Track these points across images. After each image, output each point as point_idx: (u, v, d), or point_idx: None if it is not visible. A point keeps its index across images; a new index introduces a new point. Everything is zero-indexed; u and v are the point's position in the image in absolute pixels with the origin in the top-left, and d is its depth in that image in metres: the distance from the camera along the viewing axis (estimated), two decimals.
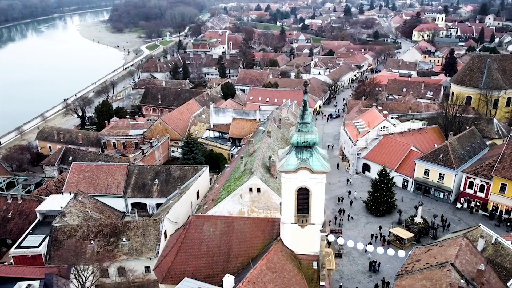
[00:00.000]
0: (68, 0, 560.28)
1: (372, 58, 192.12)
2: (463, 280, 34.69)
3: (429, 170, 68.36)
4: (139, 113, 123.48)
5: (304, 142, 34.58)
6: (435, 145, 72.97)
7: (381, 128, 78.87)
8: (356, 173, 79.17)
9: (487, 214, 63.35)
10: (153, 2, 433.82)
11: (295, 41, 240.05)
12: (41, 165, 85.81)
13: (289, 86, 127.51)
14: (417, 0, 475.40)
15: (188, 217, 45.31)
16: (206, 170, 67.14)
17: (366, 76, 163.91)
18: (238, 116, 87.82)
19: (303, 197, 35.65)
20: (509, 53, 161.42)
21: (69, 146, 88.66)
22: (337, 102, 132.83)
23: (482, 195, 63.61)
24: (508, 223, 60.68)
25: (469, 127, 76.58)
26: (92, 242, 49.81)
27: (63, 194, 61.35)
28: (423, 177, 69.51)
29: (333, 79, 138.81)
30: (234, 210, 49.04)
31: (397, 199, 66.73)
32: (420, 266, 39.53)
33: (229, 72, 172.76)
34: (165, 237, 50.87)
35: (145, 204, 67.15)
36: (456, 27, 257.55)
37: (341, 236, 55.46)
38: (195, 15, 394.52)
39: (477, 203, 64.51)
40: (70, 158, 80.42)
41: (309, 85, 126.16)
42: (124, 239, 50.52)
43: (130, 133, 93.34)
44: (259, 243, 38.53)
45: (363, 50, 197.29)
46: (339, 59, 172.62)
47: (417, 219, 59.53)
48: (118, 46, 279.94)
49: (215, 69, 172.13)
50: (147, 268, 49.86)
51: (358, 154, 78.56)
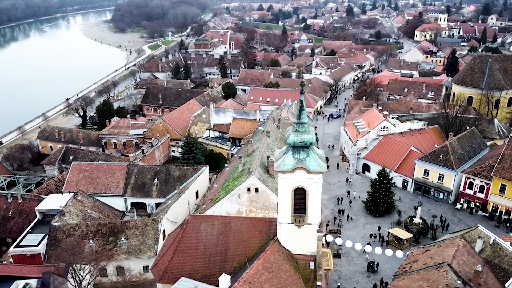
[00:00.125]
0: (71, 0, 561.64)
1: (374, 58, 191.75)
2: (460, 281, 34.61)
3: (429, 171, 68.23)
4: (140, 113, 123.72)
5: (301, 142, 34.59)
6: (436, 146, 72.83)
7: (381, 128, 78.75)
8: (356, 173, 79.08)
9: (487, 215, 63.18)
10: (156, 2, 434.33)
11: (297, 41, 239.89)
12: (42, 165, 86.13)
13: (290, 86, 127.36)
14: (420, 0, 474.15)
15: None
16: (206, 170, 67.20)
17: (368, 76, 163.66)
18: (238, 116, 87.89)
19: (300, 197, 35.67)
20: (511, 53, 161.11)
21: (70, 146, 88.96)
22: (338, 102, 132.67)
23: (482, 196, 63.46)
24: (508, 224, 60.49)
25: (470, 128, 76.39)
26: (91, 241, 50.02)
27: (63, 194, 61.53)
28: (423, 178, 69.38)
29: (334, 79, 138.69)
30: (232, 210, 49.11)
31: (396, 200, 66.72)
32: (418, 267, 39.48)
33: (231, 72, 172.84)
34: (164, 237, 51.02)
35: (145, 204, 67.31)
36: (459, 27, 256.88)
37: (340, 236, 55.52)
38: (198, 15, 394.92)
39: (477, 204, 64.36)
40: (71, 158, 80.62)
41: (310, 85, 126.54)
42: (123, 239, 50.67)
43: (131, 133, 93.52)
44: (256, 243, 38.56)
45: (365, 50, 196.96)
46: (341, 59, 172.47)
47: (416, 220, 59.46)
48: (120, 46, 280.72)
49: (217, 69, 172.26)
50: (146, 268, 49.97)
51: (358, 154, 78.47)
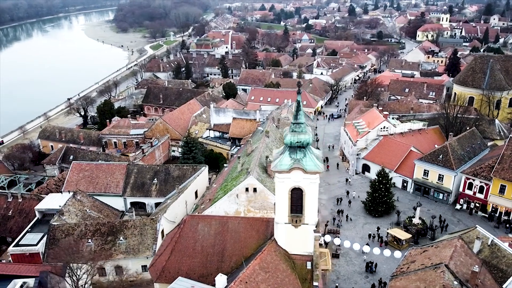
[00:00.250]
0: (74, 0, 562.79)
1: (376, 58, 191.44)
2: (457, 282, 34.56)
3: (429, 171, 68.10)
4: (141, 113, 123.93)
5: (298, 142, 34.63)
6: (436, 146, 72.69)
7: (381, 129, 78.63)
8: (356, 174, 78.98)
9: (487, 216, 63.03)
10: (158, 2, 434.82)
11: (299, 41, 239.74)
12: (43, 164, 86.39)
13: (291, 86, 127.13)
14: (422, 0, 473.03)
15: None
16: (205, 170, 67.28)
17: (369, 77, 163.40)
18: (238, 116, 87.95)
19: (297, 197, 35.70)
20: None
21: (71, 145, 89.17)
22: (339, 103, 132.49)
23: (482, 196, 63.30)
24: (507, 225, 60.31)
25: (470, 128, 76.16)
26: (90, 241, 50.18)
27: (62, 193, 61.72)
28: (423, 178, 69.26)
29: (335, 79, 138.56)
30: (231, 210, 49.15)
31: (395, 200, 66.60)
32: (415, 267, 39.44)
33: (232, 72, 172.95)
34: (162, 236, 51.08)
35: (144, 204, 67.43)
36: (461, 27, 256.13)
37: (338, 237, 55.51)
38: (200, 15, 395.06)
39: (477, 204, 64.20)
40: (71, 157, 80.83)
41: (311, 85, 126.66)
42: (122, 238, 50.80)
43: (131, 133, 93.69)
44: (253, 243, 38.60)
45: (366, 50, 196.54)
46: (342, 59, 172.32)
47: (415, 220, 59.37)
48: (122, 46, 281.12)
49: (218, 69, 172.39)
50: (144, 267, 50.04)
51: (358, 155, 78.38)
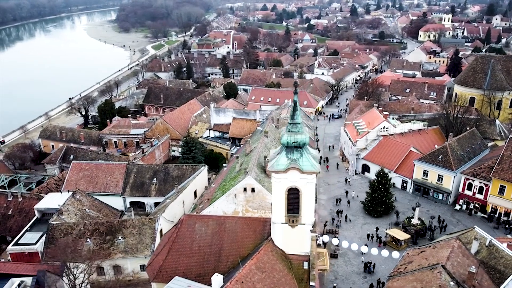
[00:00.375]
0: (76, 0, 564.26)
1: (377, 59, 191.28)
2: (453, 282, 34.51)
3: (428, 171, 67.98)
4: (142, 113, 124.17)
5: (294, 142, 34.65)
6: (436, 146, 72.54)
7: (381, 129, 78.54)
8: (356, 174, 78.90)
9: (486, 216, 62.86)
10: (160, 2, 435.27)
11: (300, 41, 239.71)
12: (43, 164, 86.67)
13: (292, 87, 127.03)
14: (425, 0, 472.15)
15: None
16: (204, 170, 67.33)
17: (370, 77, 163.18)
18: (238, 116, 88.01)
19: (294, 197, 35.70)
20: None
21: (71, 145, 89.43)
22: (340, 103, 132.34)
23: (481, 197, 63.14)
24: (507, 225, 60.14)
25: (471, 129, 75.95)
26: (88, 240, 50.26)
27: (62, 193, 61.91)
28: (422, 178, 69.15)
29: (336, 79, 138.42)
30: (229, 210, 49.18)
31: (394, 200, 66.47)
32: (412, 268, 39.44)
33: (233, 72, 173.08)
34: (161, 236, 51.11)
35: (144, 203, 67.57)
36: (463, 28, 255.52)
37: (337, 237, 55.56)
38: (202, 15, 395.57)
39: (476, 205, 64.05)
40: (71, 157, 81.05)
41: (312, 85, 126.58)
42: (120, 238, 50.84)
43: (132, 132, 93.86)
44: (250, 243, 38.60)
45: (368, 51, 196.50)
46: (343, 59, 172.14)
47: (414, 221, 59.27)
48: (124, 46, 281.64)
49: (219, 69, 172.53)
50: (143, 267, 50.11)
51: (358, 155, 78.31)
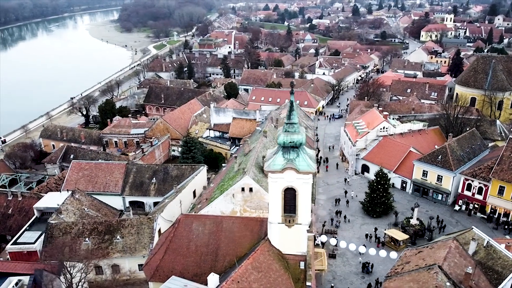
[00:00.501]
0: (79, 0, 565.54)
1: (378, 59, 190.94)
2: (449, 283, 34.45)
3: (428, 172, 67.86)
4: (143, 112, 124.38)
5: (291, 143, 34.64)
6: (436, 147, 72.40)
7: (381, 129, 78.43)
8: (355, 174, 78.82)
9: (485, 217, 62.69)
10: (162, 2, 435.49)
11: (302, 41, 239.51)
12: (43, 163, 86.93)
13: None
14: (427, 0, 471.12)
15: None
16: (204, 170, 67.43)
17: (371, 77, 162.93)
18: (238, 116, 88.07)
19: (290, 197, 35.73)
20: None
21: (72, 145, 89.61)
22: (341, 103, 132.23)
23: (481, 198, 62.98)
24: (506, 226, 59.98)
25: (471, 129, 75.76)
26: (87, 240, 50.45)
27: (61, 192, 62.09)
28: (422, 179, 69.04)
29: (337, 80, 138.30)
30: (227, 210, 49.28)
31: (394, 201, 66.40)
32: (409, 268, 39.37)
33: (234, 72, 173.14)
34: (159, 236, 51.24)
35: (143, 203, 67.71)
36: (465, 28, 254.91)
37: (335, 237, 55.59)
38: (204, 15, 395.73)
39: (475, 206, 63.89)
40: (72, 156, 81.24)
41: (313, 85, 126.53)
42: (118, 237, 51.04)
43: (132, 132, 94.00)
44: (247, 243, 38.67)
45: (369, 51, 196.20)
46: (345, 59, 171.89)
47: (413, 221, 59.17)
48: (126, 46, 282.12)
49: (220, 69, 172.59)
50: (141, 266, 50.21)
51: (358, 155, 78.24)
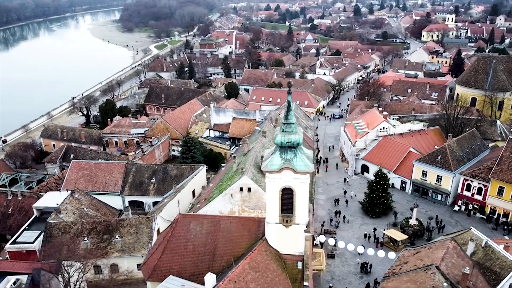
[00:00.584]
0: (80, 0, 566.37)
1: (379, 59, 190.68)
2: (447, 283, 34.41)
3: (427, 172, 67.78)
4: (143, 112, 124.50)
5: (288, 142, 34.65)
6: (436, 147, 72.31)
7: (381, 129, 78.36)
8: (355, 174, 78.76)
9: (485, 217, 62.57)
10: (164, 2, 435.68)
11: (303, 41, 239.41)
12: (44, 163, 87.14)
13: (293, 86, 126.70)
14: (429, 0, 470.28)
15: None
16: (203, 170, 67.50)
17: (372, 77, 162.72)
18: (238, 116, 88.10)
19: (288, 197, 35.77)
20: None
21: (72, 144, 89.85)
22: (341, 103, 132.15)
23: (480, 198, 62.86)
24: (506, 227, 59.85)
25: (472, 129, 75.64)
26: (86, 239, 50.55)
27: (60, 191, 62.23)
28: (421, 179, 68.95)
29: (338, 80, 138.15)
30: (225, 210, 49.29)
31: (394, 201, 66.32)
32: (407, 268, 39.37)
33: (235, 72, 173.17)
34: (158, 235, 51.35)
35: (142, 202, 67.81)
36: (466, 28, 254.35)
37: (333, 237, 55.54)
38: (205, 15, 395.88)
39: (475, 206, 63.76)
40: (72, 156, 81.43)
41: (313, 85, 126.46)
42: (117, 237, 51.12)
43: (132, 132, 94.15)
44: (245, 243, 38.67)
45: (370, 51, 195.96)
46: (346, 59, 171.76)
47: (412, 221, 59.10)
48: (127, 46, 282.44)
49: (221, 69, 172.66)
50: (140, 266, 50.33)
51: (357, 155, 78.19)
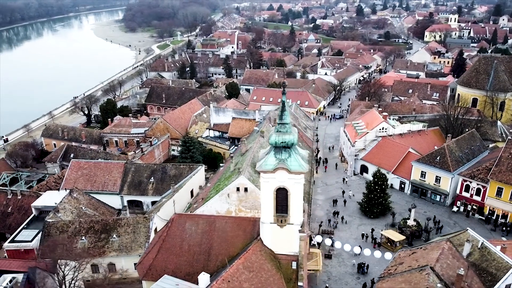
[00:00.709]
0: (84, 0, 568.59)
1: (381, 59, 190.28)
2: (441, 284, 34.34)
3: (426, 173, 67.61)
4: (144, 112, 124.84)
5: (282, 143, 34.71)
6: (435, 147, 72.10)
7: (380, 130, 78.20)
8: (354, 175, 78.63)
9: (483, 218, 62.35)
10: (167, 2, 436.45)
11: (305, 41, 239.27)
12: (44, 162, 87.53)
13: (294, 86, 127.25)
14: (432, 1, 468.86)
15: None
16: (201, 169, 67.63)
17: (374, 77, 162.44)
18: (238, 116, 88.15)
19: (282, 197, 35.81)
20: None
21: (72, 144, 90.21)
22: (342, 103, 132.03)
23: (479, 199, 62.62)
24: (504, 228, 59.62)
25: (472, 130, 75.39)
26: (83, 238, 50.77)
27: (59, 191, 62.51)
28: (420, 180, 68.78)
29: (339, 80, 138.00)
30: (222, 209, 49.39)
31: (393, 201, 66.14)
32: (402, 269, 39.32)
33: (236, 72, 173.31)
34: None
35: (141, 202, 68.02)
36: (469, 28, 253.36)
37: (331, 238, 55.55)
38: (208, 15, 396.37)
39: (474, 207, 63.53)
40: (72, 155, 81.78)
41: (314, 86, 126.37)
42: (115, 236, 51.29)
43: (132, 132, 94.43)
44: (240, 242, 38.74)
45: (372, 51, 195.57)
46: (347, 60, 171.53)
47: (410, 222, 58.97)
48: (130, 46, 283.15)
49: (222, 69, 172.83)
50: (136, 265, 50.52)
51: (356, 155, 78.07)
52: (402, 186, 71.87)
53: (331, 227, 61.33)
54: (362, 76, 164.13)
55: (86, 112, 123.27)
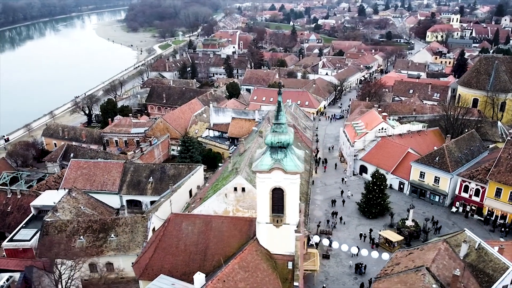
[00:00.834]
0: (86, 0, 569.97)
1: (383, 59, 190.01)
2: (436, 285, 34.30)
3: (425, 173, 67.51)
4: (145, 112, 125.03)
5: (278, 143, 34.76)
6: (435, 148, 71.97)
7: (379, 130, 78.12)
8: (354, 175, 78.58)
9: (482, 219, 62.22)
10: (168, 2, 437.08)
11: (306, 41, 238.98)
12: (44, 161, 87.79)
13: (295, 86, 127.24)
14: (434, 1, 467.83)
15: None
16: (200, 169, 67.67)
17: (375, 77, 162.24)
18: (237, 116, 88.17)
19: (278, 197, 35.89)
20: None
21: (72, 143, 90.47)
22: (342, 103, 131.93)
23: (477, 200, 62.50)
24: (503, 229, 59.47)
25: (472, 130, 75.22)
26: (82, 237, 50.90)
27: (58, 190, 62.70)
28: (419, 180, 68.68)
29: (340, 80, 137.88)
30: (220, 209, 49.45)
31: (392, 202, 66.08)
32: (399, 270, 39.31)
33: (237, 72, 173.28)
34: None
35: (140, 202, 68.12)
36: (471, 28, 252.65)
37: (328, 238, 55.54)
38: (209, 15, 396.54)
39: (473, 208, 63.41)
40: (72, 155, 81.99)
41: (314, 86, 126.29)
42: (113, 235, 51.41)
43: (132, 131, 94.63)
44: (236, 242, 38.86)
45: (374, 51, 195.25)
46: (348, 60, 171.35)
47: (408, 222, 58.89)
48: (132, 45, 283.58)
49: (223, 69, 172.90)
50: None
51: (356, 156, 78.01)
52: (401, 187, 71.79)
53: (330, 228, 61.35)
54: (363, 76, 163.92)
55: (87, 112, 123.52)
